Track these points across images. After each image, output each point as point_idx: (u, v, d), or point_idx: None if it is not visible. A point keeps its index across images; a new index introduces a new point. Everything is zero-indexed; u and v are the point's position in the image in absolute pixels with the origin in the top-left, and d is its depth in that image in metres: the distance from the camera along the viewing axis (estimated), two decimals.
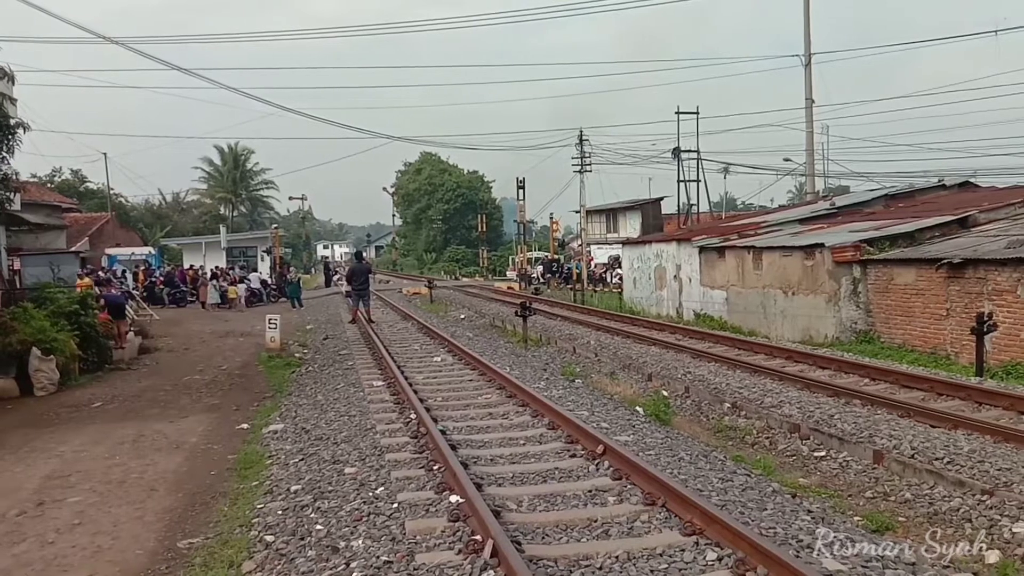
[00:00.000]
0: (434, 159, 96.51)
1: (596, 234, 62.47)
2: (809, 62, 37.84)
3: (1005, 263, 16.14)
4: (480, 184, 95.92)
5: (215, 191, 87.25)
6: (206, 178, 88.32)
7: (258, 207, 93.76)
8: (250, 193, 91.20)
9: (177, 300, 37.19)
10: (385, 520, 7.21)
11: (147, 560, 7.15)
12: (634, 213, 59.04)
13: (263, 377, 17.30)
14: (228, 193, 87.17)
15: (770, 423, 12.04)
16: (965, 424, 10.74)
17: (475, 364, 15.92)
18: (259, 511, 8.12)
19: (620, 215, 61.12)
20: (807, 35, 37.86)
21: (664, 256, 32.52)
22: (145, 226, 66.17)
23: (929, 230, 20.93)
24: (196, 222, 77.38)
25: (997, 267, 16.33)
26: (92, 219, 50.20)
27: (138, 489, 9.24)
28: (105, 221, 50.56)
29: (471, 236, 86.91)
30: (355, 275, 26.99)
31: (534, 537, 6.63)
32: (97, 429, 12.41)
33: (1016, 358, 15.56)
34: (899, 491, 8.93)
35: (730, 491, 8.02)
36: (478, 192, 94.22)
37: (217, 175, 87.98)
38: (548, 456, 9.18)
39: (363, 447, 9.98)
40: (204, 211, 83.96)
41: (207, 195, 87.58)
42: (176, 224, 72.90)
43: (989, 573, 6.84)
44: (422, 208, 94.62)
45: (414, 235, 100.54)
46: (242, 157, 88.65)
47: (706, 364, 17.15)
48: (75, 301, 18.20)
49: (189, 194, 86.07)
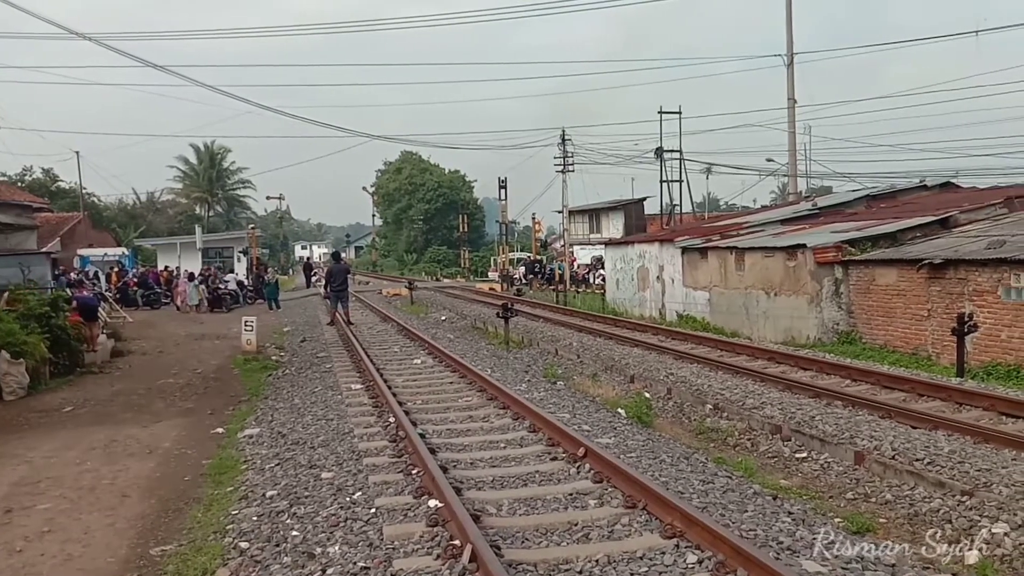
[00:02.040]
0: (414, 158, 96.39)
1: (579, 234, 62.45)
2: (791, 62, 37.77)
3: (985, 263, 16.19)
4: (462, 184, 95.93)
5: (191, 190, 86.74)
6: (181, 177, 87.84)
7: (235, 207, 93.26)
8: (226, 192, 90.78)
9: (151, 302, 36.80)
10: (362, 525, 7.12)
11: (119, 568, 7.02)
12: (617, 213, 59.02)
13: (239, 380, 17.11)
14: (204, 192, 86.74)
15: (752, 424, 12.00)
16: (945, 425, 10.76)
17: (456, 366, 15.81)
18: (234, 517, 8.00)
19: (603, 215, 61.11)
20: (789, 35, 37.79)
21: (647, 257, 32.45)
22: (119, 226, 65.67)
23: (910, 231, 20.98)
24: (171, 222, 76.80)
25: (977, 267, 16.37)
26: (64, 219, 49.59)
27: (110, 495, 9.09)
28: (77, 221, 50.04)
29: (453, 236, 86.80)
30: (333, 276, 26.87)
31: (514, 541, 6.55)
32: (68, 434, 12.21)
33: (997, 358, 15.62)
34: (880, 492, 8.92)
35: (711, 493, 7.97)
36: (460, 192, 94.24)
37: (193, 174, 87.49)
38: (529, 459, 9.10)
39: (340, 451, 9.86)
40: (179, 211, 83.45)
41: (182, 194, 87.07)
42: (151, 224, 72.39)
43: (968, 574, 6.81)
44: (403, 208, 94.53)
45: (395, 235, 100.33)
46: (218, 156, 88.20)
47: (688, 365, 17.09)
48: (45, 303, 17.96)
49: (164, 193, 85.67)
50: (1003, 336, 15.70)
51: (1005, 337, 15.66)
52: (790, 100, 38.14)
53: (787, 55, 37.92)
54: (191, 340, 24.32)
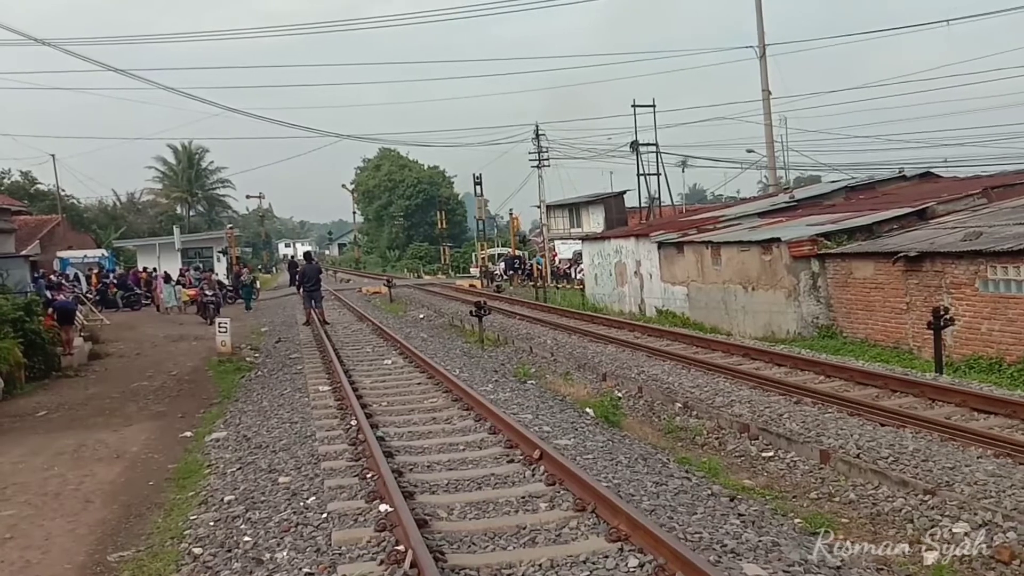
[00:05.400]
0: (393, 155, 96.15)
1: (560, 229, 62.28)
2: (763, 54, 37.65)
3: (962, 256, 16.06)
4: (442, 180, 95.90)
5: (170, 191, 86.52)
6: (161, 177, 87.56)
7: (215, 206, 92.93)
8: (206, 192, 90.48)
9: (131, 303, 36.63)
10: (312, 531, 7.12)
11: (75, 574, 7.07)
12: (597, 207, 58.73)
13: (212, 383, 17.06)
14: (183, 192, 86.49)
15: (720, 423, 11.96)
16: (913, 422, 10.65)
17: (425, 367, 15.74)
18: (191, 522, 8.05)
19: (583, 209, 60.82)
20: (760, 26, 37.59)
21: (624, 252, 32.28)
22: (99, 228, 65.26)
23: (887, 223, 20.85)
24: (152, 223, 76.39)
25: (954, 260, 16.25)
26: (43, 222, 49.18)
27: (74, 501, 9.10)
28: (56, 224, 49.74)
29: (434, 233, 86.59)
30: (306, 276, 26.81)
31: (460, 546, 6.54)
32: (39, 439, 12.18)
33: (978, 351, 15.53)
34: (844, 491, 8.89)
35: (663, 495, 7.92)
36: (440, 188, 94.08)
37: (172, 174, 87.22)
38: (486, 462, 9.06)
39: (300, 455, 9.82)
40: (160, 211, 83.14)
41: (162, 195, 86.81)
42: (131, 225, 71.93)
43: (925, 574, 6.79)
44: (383, 205, 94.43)
45: (376, 232, 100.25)
46: (196, 156, 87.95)
47: (661, 363, 16.91)
48: (20, 307, 17.83)
49: (144, 194, 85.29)
50: (983, 329, 15.61)
51: (985, 330, 15.56)
52: (764, 92, 38.04)
53: (759, 47, 37.79)
54: (168, 342, 24.24)
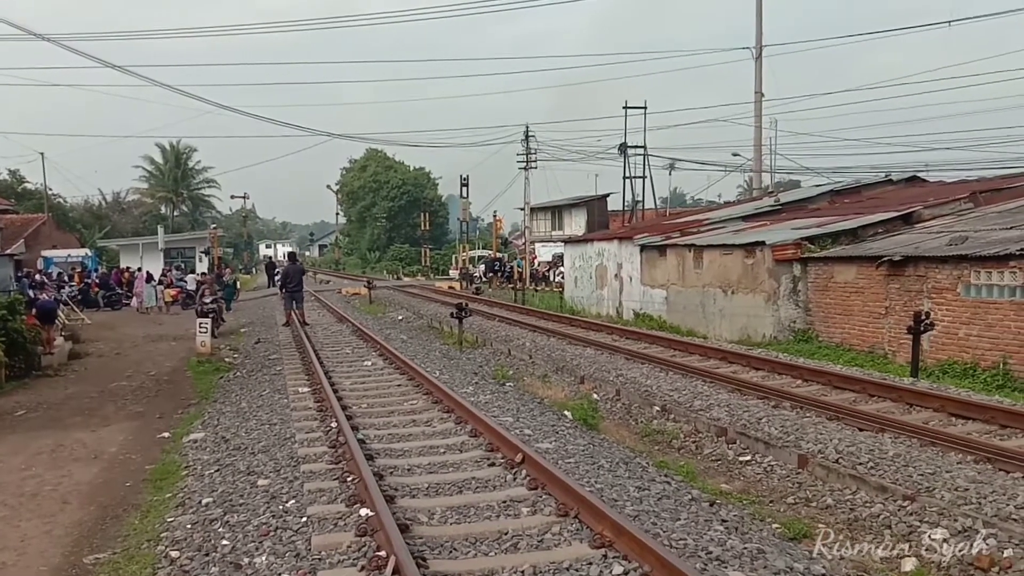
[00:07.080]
0: (380, 156, 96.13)
1: (542, 231, 62.42)
2: (760, 55, 37.43)
3: (945, 260, 16.15)
4: (427, 181, 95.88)
5: (156, 190, 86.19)
6: (147, 177, 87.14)
7: (200, 206, 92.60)
8: (191, 192, 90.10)
9: (112, 303, 36.47)
10: (292, 535, 7.06)
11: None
12: (579, 210, 58.96)
13: (191, 383, 16.95)
14: (169, 192, 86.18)
15: (698, 427, 11.96)
16: (892, 427, 10.66)
17: (404, 368, 15.69)
18: (168, 525, 7.97)
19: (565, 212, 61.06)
20: (759, 26, 37.34)
21: (605, 255, 32.39)
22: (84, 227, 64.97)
23: (872, 227, 20.93)
24: (136, 222, 76.24)
25: (937, 264, 16.34)
26: (28, 220, 49.25)
27: (51, 502, 9.03)
28: (42, 223, 49.63)
29: (416, 234, 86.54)
30: (289, 277, 26.71)
31: (442, 552, 6.49)
32: (16, 439, 12.08)
33: (953, 356, 15.65)
34: (821, 496, 8.88)
35: (646, 500, 7.91)
36: (424, 189, 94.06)
37: (158, 174, 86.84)
38: (467, 465, 9.02)
39: (280, 457, 9.76)
40: (145, 211, 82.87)
41: (148, 194, 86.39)
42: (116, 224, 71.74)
43: None
44: (367, 206, 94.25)
45: (358, 233, 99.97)
46: (184, 155, 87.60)
47: (639, 366, 16.87)
48: (2, 306, 17.69)
49: (130, 194, 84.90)
50: (960, 334, 15.71)
51: (963, 335, 15.66)
52: (757, 94, 37.85)
53: (756, 47, 37.55)
54: (148, 342, 24.12)
